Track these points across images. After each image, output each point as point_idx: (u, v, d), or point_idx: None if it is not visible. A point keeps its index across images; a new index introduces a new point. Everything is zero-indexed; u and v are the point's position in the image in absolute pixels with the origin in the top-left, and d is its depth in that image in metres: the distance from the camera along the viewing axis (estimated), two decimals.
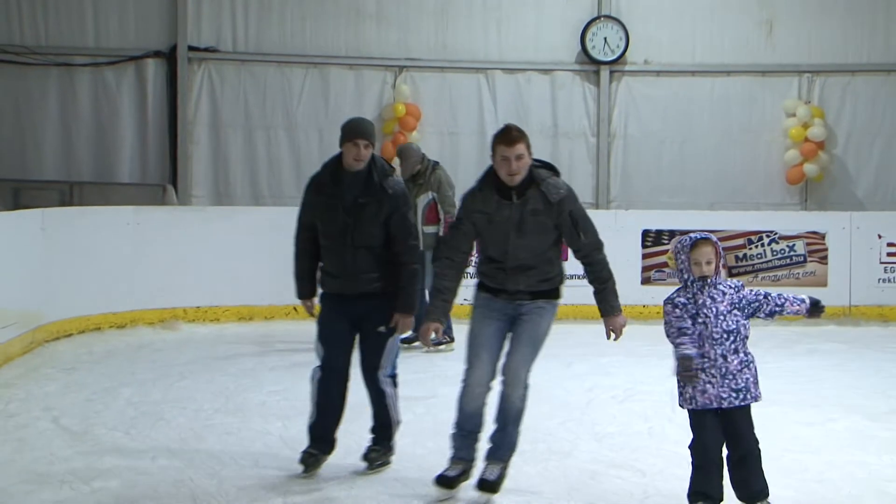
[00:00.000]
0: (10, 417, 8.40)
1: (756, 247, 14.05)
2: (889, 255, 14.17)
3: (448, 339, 11.06)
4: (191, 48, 15.50)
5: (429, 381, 9.72)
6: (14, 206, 13.71)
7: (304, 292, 7.05)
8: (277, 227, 9.90)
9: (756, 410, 5.86)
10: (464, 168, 15.36)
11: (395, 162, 11.40)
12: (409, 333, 7.22)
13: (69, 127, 15.42)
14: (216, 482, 6.68)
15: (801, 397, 9.26)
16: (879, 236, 14.12)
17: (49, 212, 12.29)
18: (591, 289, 6.53)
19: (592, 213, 6.91)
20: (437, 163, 11.74)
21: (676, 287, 5.98)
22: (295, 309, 13.12)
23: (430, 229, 11.21)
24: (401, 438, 7.17)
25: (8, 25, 15.19)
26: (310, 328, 7.07)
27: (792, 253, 14.03)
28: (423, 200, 11.24)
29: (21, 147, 15.30)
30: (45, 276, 11.54)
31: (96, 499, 6.35)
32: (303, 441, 6.97)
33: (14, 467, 7.00)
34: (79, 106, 15.41)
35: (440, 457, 6.66)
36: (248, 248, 13.04)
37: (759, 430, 5.85)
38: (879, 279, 14.02)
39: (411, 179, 11.32)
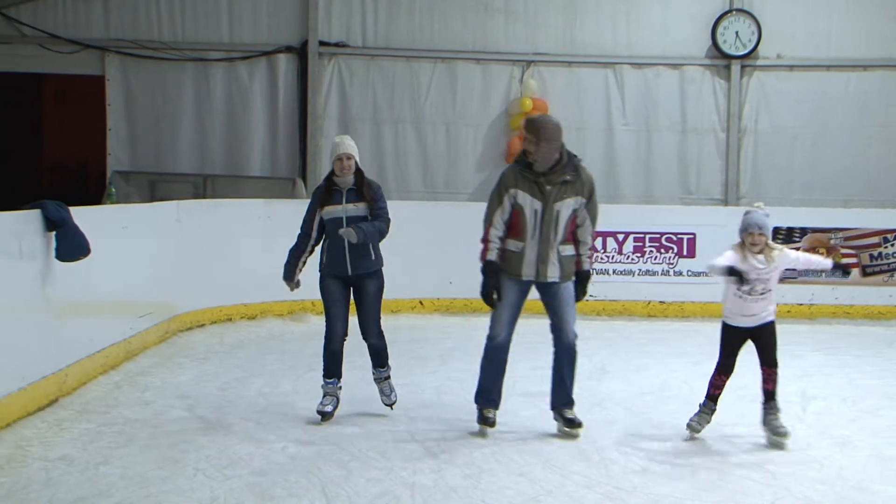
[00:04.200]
0: (146, 405, 8.65)
1: (892, 245, 13.72)
2: None
3: None
4: (321, 43, 15.71)
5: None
6: (151, 198, 14.05)
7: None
8: (404, 220, 9.92)
9: None
10: (590, 165, 15.17)
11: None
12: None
13: (203, 121, 15.76)
14: (344, 473, 6.80)
15: None
16: None
17: (184, 204, 12.56)
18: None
19: (721, 210, 7.09)
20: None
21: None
22: (421, 303, 13.29)
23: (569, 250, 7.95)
24: (528, 434, 7.22)
25: (147, 22, 15.58)
26: (438, 321, 7.16)
27: None
28: (568, 206, 7.81)
29: (157, 141, 15.69)
30: (179, 267, 11.83)
31: (228, 486, 6.51)
32: (433, 436, 7.16)
33: (151, 453, 7.21)
34: (213, 100, 15.74)
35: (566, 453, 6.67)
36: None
37: None
38: None
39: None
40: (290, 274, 8.51)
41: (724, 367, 7.82)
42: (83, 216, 8.62)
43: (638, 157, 16.05)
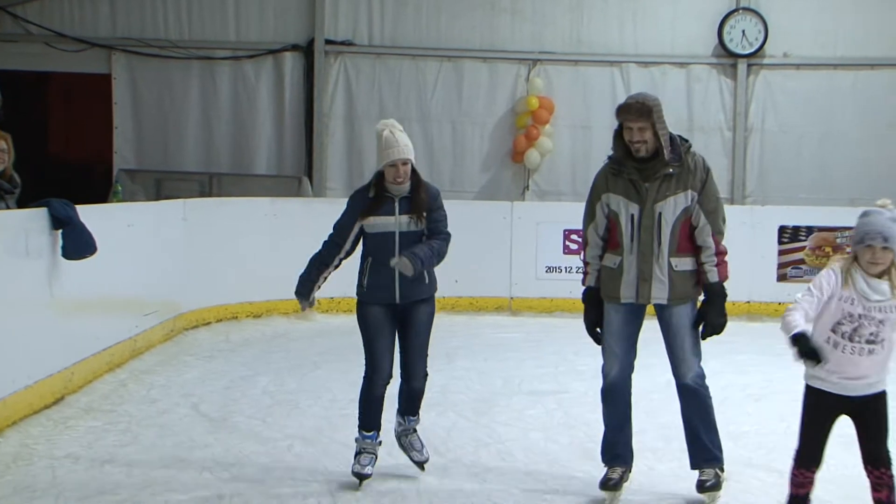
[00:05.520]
0: (152, 403, 8.66)
1: None
2: None
3: None
4: (328, 41, 15.71)
5: (561, 377, 9.75)
6: (157, 197, 14.06)
7: None
8: None
9: None
10: (596, 164, 15.17)
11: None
12: None
13: (209, 119, 15.75)
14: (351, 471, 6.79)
15: None
16: None
17: (190, 202, 12.54)
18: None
19: (728, 209, 6.79)
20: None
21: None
22: None
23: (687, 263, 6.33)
24: (533, 433, 7.20)
25: (154, 20, 15.58)
26: (443, 320, 7.12)
27: None
28: (673, 206, 6.25)
29: (164, 139, 15.69)
30: (185, 265, 11.82)
31: (235, 485, 6.51)
32: (434, 430, 7.11)
33: (156, 452, 7.22)
34: (219, 98, 15.73)
35: (572, 452, 6.68)
36: None
37: None
38: None
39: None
40: (307, 290, 7.07)
41: (809, 458, 5.55)
42: (89, 214, 8.62)
43: None
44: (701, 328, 6.33)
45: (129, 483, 6.51)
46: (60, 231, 8.26)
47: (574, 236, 13.61)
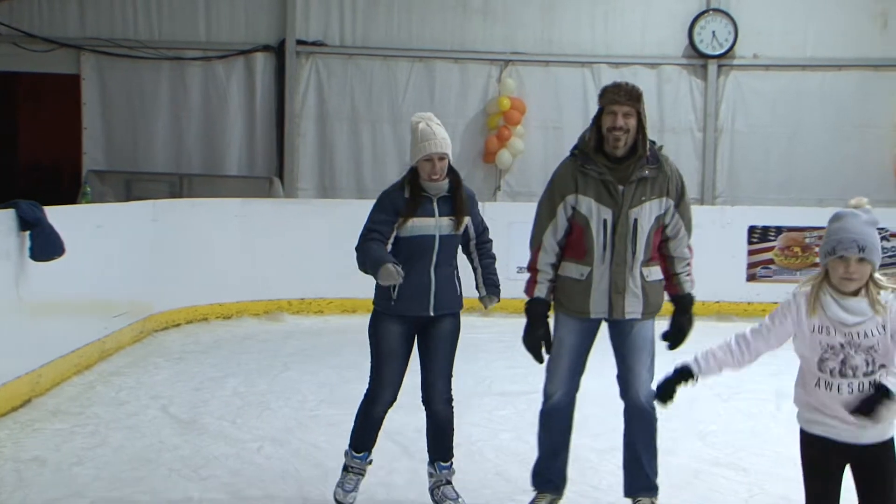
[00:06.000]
0: (120, 405, 8.60)
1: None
2: None
3: None
4: (299, 42, 15.68)
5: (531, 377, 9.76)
6: (126, 198, 13.99)
7: None
8: None
9: None
10: None
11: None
12: None
13: (179, 120, 15.70)
14: (321, 472, 6.78)
15: None
16: None
17: (160, 203, 12.50)
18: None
19: (697, 209, 6.72)
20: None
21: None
22: None
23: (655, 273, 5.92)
24: (503, 433, 7.19)
25: (123, 20, 15.51)
26: None
27: None
28: (649, 212, 5.74)
29: (134, 140, 15.63)
30: (155, 266, 11.76)
31: (204, 486, 6.49)
32: (406, 432, 7.14)
33: (125, 454, 7.18)
34: (189, 99, 15.69)
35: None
36: (352, 239, 13.08)
37: None
38: None
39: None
40: (389, 257, 5.76)
41: None
42: (58, 216, 8.57)
43: None
44: (668, 340, 5.88)
45: (96, 486, 6.48)
46: (28, 233, 8.21)
47: None
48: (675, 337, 5.87)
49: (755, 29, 15.83)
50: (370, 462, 6.20)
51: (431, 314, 5.90)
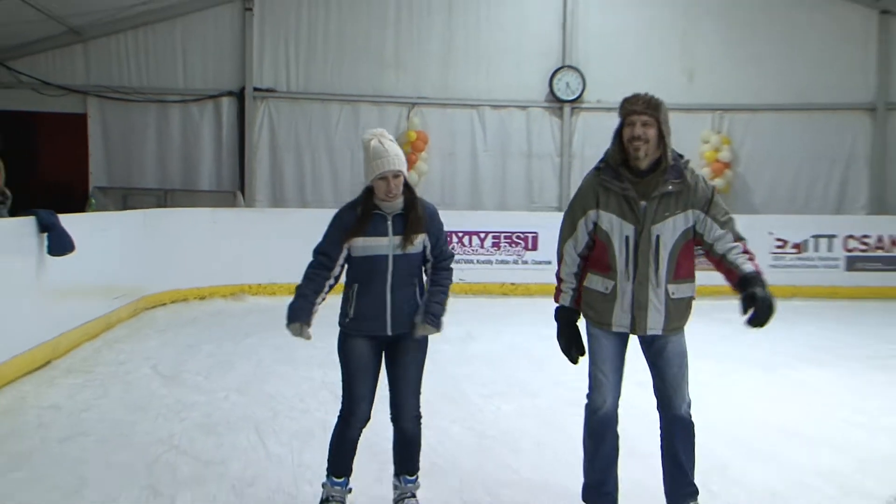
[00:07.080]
0: (120, 365, 8.56)
1: None
2: (777, 247, 14.28)
3: None
4: (255, 89, 15.55)
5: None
6: (123, 208, 13.81)
7: None
8: (318, 223, 9.93)
9: None
10: (460, 183, 15.87)
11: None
12: None
13: (163, 148, 15.45)
14: (272, 414, 6.83)
15: None
16: (770, 233, 14.24)
17: (149, 212, 12.42)
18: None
19: (557, 215, 6.47)
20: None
21: None
22: None
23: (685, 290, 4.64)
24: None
25: (119, 71, 15.26)
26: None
27: None
28: (672, 228, 4.56)
29: (128, 164, 15.35)
30: (145, 260, 11.66)
31: (183, 426, 6.50)
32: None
33: (123, 402, 7.18)
34: (171, 133, 15.45)
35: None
36: (297, 238, 13.02)
37: None
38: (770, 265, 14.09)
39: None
40: (306, 313, 4.68)
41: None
42: (71, 222, 8.49)
43: (496, 176, 16.17)
44: (748, 315, 4.31)
45: (101, 426, 6.47)
46: (46, 234, 8.13)
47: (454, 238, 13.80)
48: (758, 315, 4.30)
49: (599, 80, 16.01)
50: (350, 490, 4.78)
51: (389, 333, 4.58)
